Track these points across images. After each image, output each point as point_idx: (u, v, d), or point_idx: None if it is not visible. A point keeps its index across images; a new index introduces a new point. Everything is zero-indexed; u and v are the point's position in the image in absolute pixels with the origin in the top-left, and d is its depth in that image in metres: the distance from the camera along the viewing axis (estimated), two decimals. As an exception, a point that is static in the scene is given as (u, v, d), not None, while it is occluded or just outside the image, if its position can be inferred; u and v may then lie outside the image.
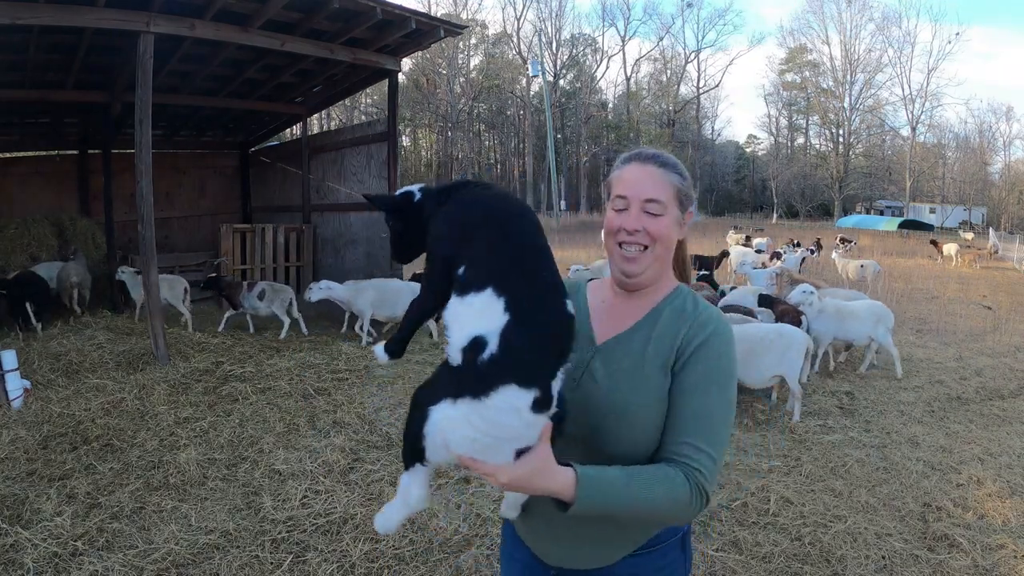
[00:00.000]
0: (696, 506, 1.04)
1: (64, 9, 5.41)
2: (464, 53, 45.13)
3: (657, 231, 1.16)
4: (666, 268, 1.23)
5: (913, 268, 16.24)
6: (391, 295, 6.80)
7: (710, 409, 1.09)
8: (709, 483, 1.05)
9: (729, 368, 1.13)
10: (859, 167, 47.02)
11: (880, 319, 5.79)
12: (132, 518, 3.03)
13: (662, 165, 1.18)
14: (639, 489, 1.01)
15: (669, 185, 1.18)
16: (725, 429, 1.11)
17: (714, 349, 1.12)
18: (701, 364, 1.11)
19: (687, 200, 1.22)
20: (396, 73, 8.11)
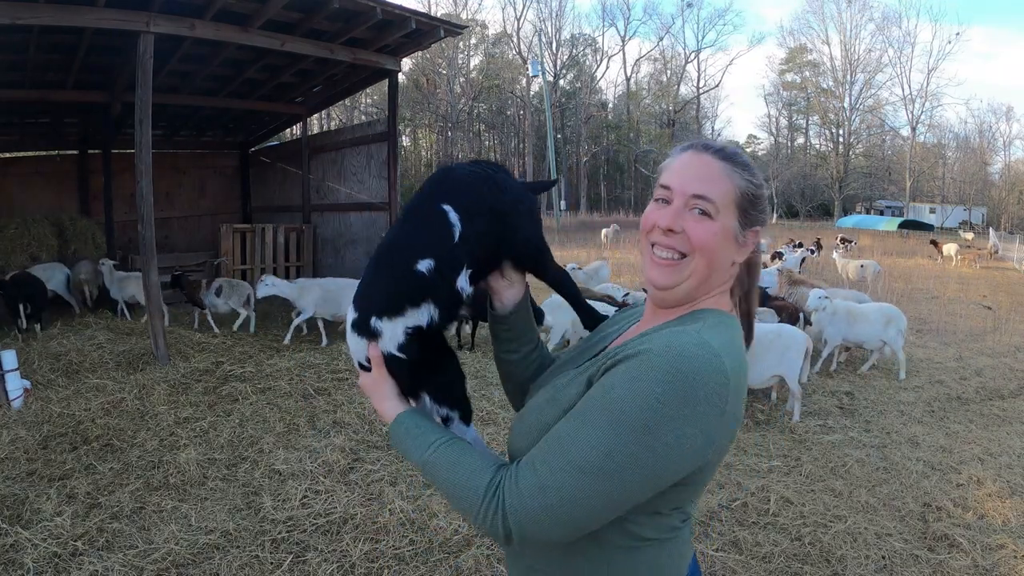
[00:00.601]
0: (486, 516, 0.83)
1: (64, 9, 5.41)
2: (464, 53, 45.12)
3: (700, 238, 0.91)
4: (710, 290, 0.96)
5: (913, 268, 16.24)
6: (336, 294, 6.70)
7: (567, 438, 0.82)
8: (513, 505, 0.81)
9: (621, 408, 0.80)
10: (859, 167, 47.02)
11: (891, 321, 5.78)
12: (132, 518, 3.03)
13: (725, 158, 0.94)
14: (444, 460, 0.90)
15: (729, 184, 0.92)
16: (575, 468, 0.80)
17: (619, 376, 0.82)
18: (596, 388, 0.85)
19: (754, 212, 0.94)
20: (396, 73, 8.11)
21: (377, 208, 8.55)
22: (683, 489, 0.88)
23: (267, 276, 6.87)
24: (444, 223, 0.99)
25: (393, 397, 1.03)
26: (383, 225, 8.45)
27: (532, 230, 1.05)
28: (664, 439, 0.78)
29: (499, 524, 0.82)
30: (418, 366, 1.02)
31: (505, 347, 1.14)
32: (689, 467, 0.83)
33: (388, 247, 1.04)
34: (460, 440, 0.95)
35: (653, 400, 0.78)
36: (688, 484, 0.88)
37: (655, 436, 0.78)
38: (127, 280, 7.61)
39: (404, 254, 1.00)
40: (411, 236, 1.02)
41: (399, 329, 1.00)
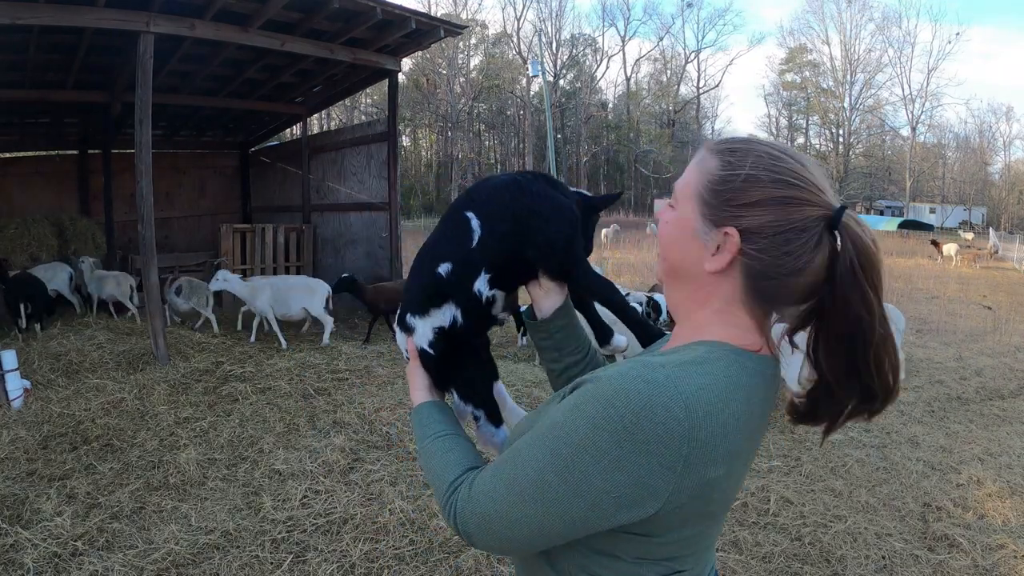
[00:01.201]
0: (444, 509, 0.85)
1: (64, 9, 5.41)
2: (464, 53, 45.12)
3: (660, 227, 0.86)
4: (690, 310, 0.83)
5: (913, 268, 16.24)
6: (285, 293, 6.64)
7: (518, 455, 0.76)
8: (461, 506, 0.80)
9: (556, 436, 0.72)
10: (859, 167, 47.03)
11: (890, 320, 5.78)
12: (132, 518, 3.03)
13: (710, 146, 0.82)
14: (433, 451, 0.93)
15: (695, 172, 0.80)
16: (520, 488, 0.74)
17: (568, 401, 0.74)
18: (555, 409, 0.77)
19: (718, 205, 0.77)
20: (396, 73, 8.11)
21: (377, 208, 8.55)
22: (644, 540, 0.75)
23: (222, 271, 6.79)
24: (466, 228, 1.02)
25: (423, 388, 1.07)
26: (383, 225, 8.45)
27: (557, 234, 1.01)
28: (590, 480, 0.69)
29: (452, 520, 0.82)
30: (445, 363, 1.07)
31: (547, 356, 1.11)
32: (625, 517, 0.71)
33: (422, 250, 1.11)
34: (459, 437, 0.95)
35: (583, 437, 0.69)
36: (650, 536, 0.74)
37: (581, 475, 0.70)
38: (106, 279, 7.63)
39: (430, 257, 1.06)
40: (438, 241, 1.08)
41: (428, 327, 1.06)
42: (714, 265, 0.77)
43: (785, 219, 0.74)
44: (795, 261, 0.74)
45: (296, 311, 6.70)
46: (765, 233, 0.74)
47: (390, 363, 5.92)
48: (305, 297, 6.70)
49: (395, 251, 8.26)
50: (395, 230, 8.27)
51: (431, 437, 0.97)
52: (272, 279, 7.02)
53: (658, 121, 50.70)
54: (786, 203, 0.74)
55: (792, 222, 0.74)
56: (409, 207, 37.40)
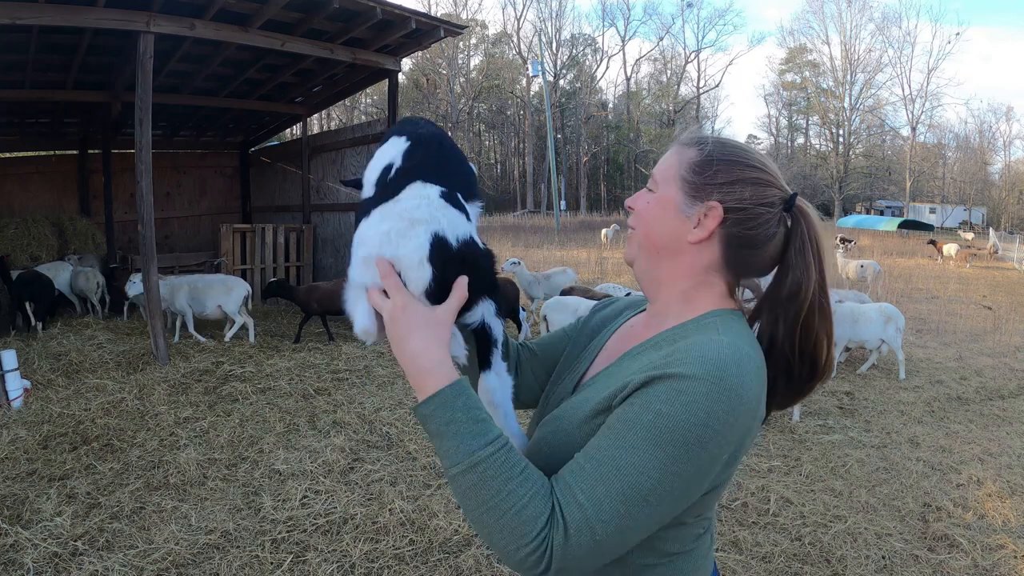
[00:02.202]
0: (531, 561, 0.73)
1: (64, 9, 5.41)
2: (464, 53, 45.13)
3: (637, 207, 0.93)
4: (675, 279, 0.90)
5: (913, 268, 16.24)
6: (202, 291, 6.52)
7: (610, 464, 0.74)
8: (564, 551, 0.72)
9: (669, 427, 0.73)
10: (859, 167, 47.03)
11: (890, 319, 5.79)
12: (132, 518, 3.03)
13: (682, 142, 0.93)
14: (501, 466, 0.74)
15: (674, 159, 0.91)
16: (631, 504, 0.73)
17: (661, 394, 0.75)
18: (632, 406, 0.77)
19: (700, 180, 0.87)
20: (396, 73, 8.11)
21: (377, 208, 8.55)
22: (711, 495, 0.84)
23: (136, 275, 6.61)
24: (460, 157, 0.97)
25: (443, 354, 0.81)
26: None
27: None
28: (710, 452, 0.74)
29: (540, 564, 0.73)
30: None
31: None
32: (724, 475, 0.81)
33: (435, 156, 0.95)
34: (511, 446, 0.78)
35: (703, 416, 0.73)
36: (715, 489, 0.84)
37: (702, 451, 0.74)
38: (78, 274, 7.65)
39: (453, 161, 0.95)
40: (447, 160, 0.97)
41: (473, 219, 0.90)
42: (698, 235, 0.87)
43: (759, 196, 0.87)
44: (764, 233, 0.87)
45: (211, 310, 6.54)
46: (744, 207, 0.86)
47: (390, 363, 5.92)
48: (221, 296, 6.54)
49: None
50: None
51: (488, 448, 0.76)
52: (190, 278, 6.83)
53: (658, 121, 50.70)
54: (759, 183, 0.87)
55: (764, 198, 0.87)
56: (409, 207, 37.32)
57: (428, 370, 0.79)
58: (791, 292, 0.85)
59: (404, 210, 0.84)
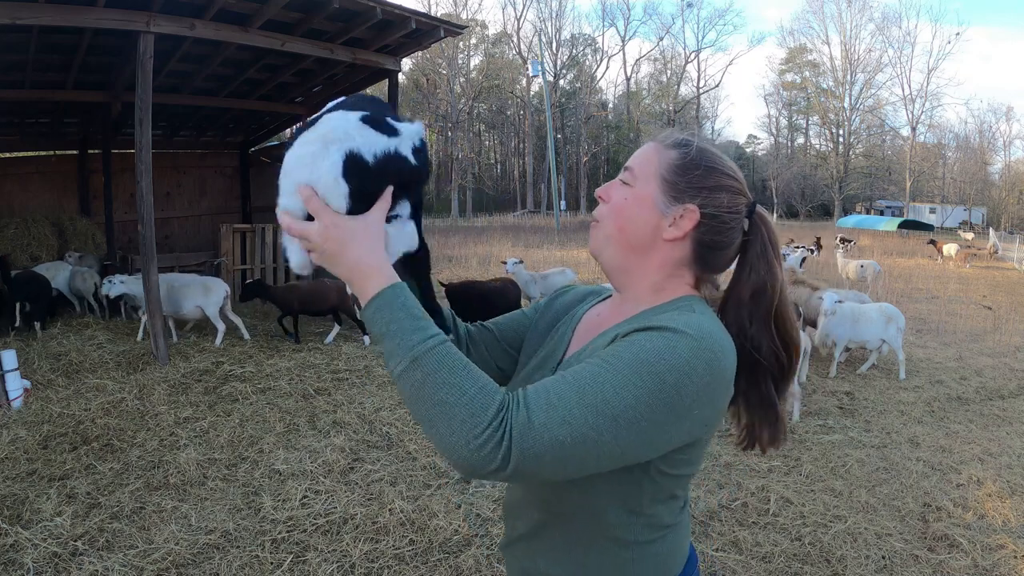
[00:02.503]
0: (487, 441, 0.71)
1: (64, 9, 5.41)
2: (464, 53, 45.12)
3: (611, 198, 0.96)
4: (647, 272, 0.94)
5: (913, 268, 16.24)
6: (179, 291, 6.40)
7: (589, 379, 0.77)
8: (521, 434, 0.71)
9: (655, 362, 0.77)
10: (859, 167, 47.05)
11: (891, 319, 5.79)
12: (132, 518, 3.03)
13: (662, 141, 0.96)
14: (448, 363, 0.74)
15: (655, 157, 0.94)
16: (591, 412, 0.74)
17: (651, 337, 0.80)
18: (622, 344, 0.81)
19: (682, 183, 0.91)
20: (396, 73, 8.11)
21: (377, 208, 8.55)
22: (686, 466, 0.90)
23: (115, 275, 6.60)
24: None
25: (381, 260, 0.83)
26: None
27: None
28: (684, 401, 0.77)
29: (498, 453, 0.71)
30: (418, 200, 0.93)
31: None
32: (696, 435, 0.84)
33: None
34: (451, 343, 0.78)
35: (683, 363, 0.77)
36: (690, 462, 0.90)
37: (676, 395, 0.77)
38: (75, 275, 7.62)
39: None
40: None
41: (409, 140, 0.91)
42: (673, 233, 0.92)
43: (733, 203, 0.93)
44: (731, 237, 0.94)
45: (189, 310, 6.42)
46: (719, 213, 0.92)
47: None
48: (199, 297, 6.44)
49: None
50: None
51: (428, 341, 0.75)
52: (168, 276, 6.66)
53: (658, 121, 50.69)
54: (733, 191, 0.94)
55: (735, 206, 0.93)
56: (409, 207, 37.32)
57: (367, 275, 0.81)
58: (755, 291, 0.92)
59: (319, 134, 0.85)
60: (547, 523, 0.96)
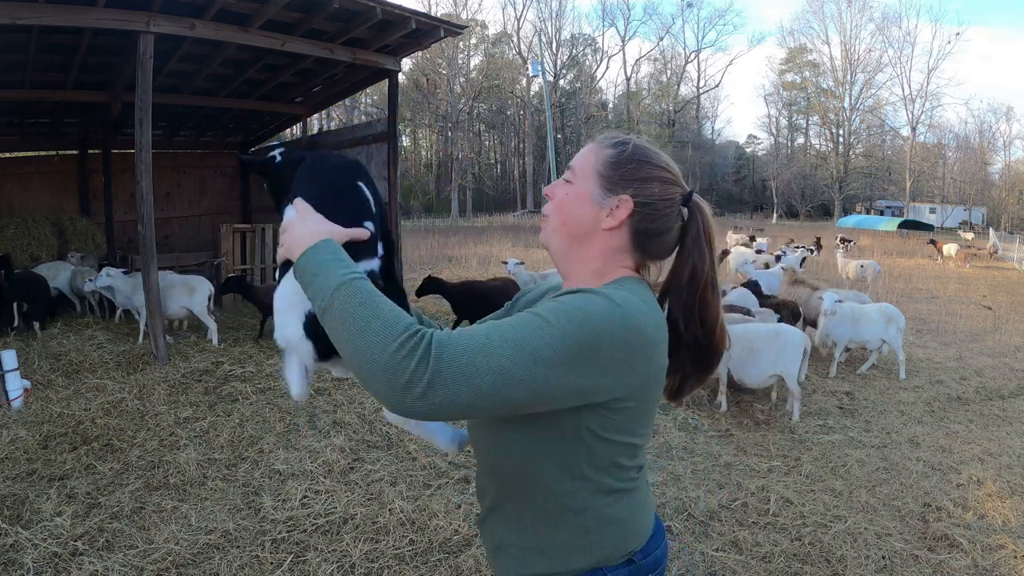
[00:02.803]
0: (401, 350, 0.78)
1: (64, 9, 5.41)
2: (464, 53, 45.12)
3: (557, 198, 1.06)
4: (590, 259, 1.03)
5: (913, 268, 16.24)
6: (163, 291, 6.28)
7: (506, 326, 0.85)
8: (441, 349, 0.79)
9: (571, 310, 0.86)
10: (859, 167, 47.03)
11: (891, 319, 5.80)
12: (132, 518, 3.03)
13: (601, 142, 1.07)
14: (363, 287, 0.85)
15: (591, 156, 1.04)
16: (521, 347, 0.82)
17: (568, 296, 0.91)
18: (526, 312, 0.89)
19: (616, 176, 1.01)
20: (396, 73, 8.11)
21: (377, 208, 8.55)
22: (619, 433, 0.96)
23: (108, 268, 6.57)
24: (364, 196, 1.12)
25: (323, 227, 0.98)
26: (383, 225, 8.44)
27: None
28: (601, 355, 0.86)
29: (412, 361, 0.77)
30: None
31: None
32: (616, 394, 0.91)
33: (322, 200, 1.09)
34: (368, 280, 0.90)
35: (599, 318, 0.86)
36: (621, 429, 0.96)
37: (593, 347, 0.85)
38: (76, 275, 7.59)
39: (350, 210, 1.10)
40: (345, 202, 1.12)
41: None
42: (610, 223, 1.01)
43: (665, 192, 1.02)
44: (666, 223, 1.02)
45: (174, 310, 6.39)
46: (651, 201, 1.01)
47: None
48: (184, 297, 6.41)
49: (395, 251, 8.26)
50: (395, 230, 8.26)
51: (351, 274, 0.87)
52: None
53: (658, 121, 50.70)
54: (665, 181, 1.02)
55: (668, 195, 1.02)
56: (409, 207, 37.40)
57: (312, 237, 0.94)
58: (691, 276, 1.00)
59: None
60: (505, 495, 1.04)
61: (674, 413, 4.62)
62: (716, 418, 4.65)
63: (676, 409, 4.69)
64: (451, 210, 40.15)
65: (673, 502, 3.30)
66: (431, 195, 44.45)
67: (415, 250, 16.96)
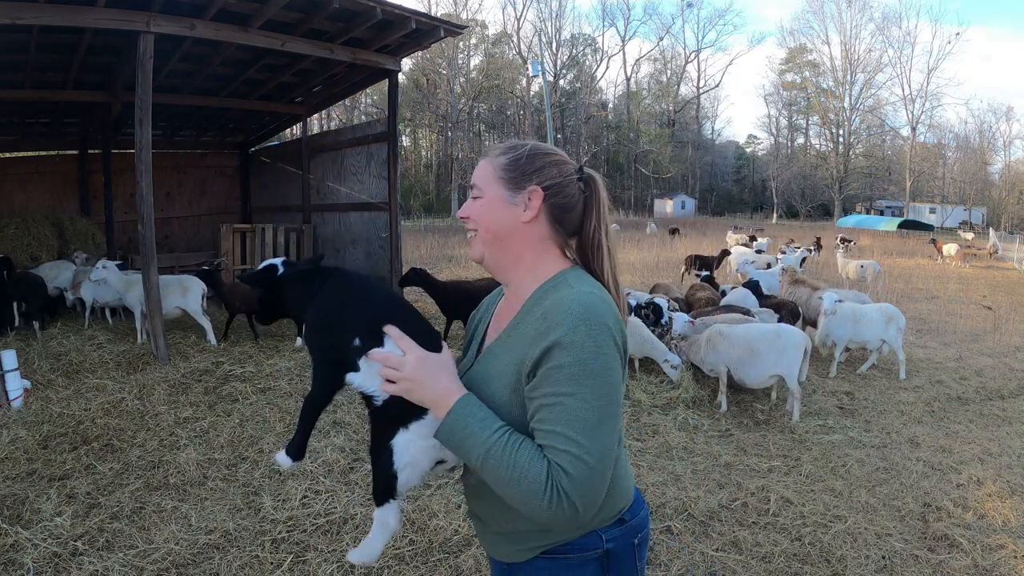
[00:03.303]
0: (553, 508, 0.94)
1: (64, 9, 5.41)
2: (464, 53, 45.13)
3: (473, 213, 1.16)
4: (521, 256, 1.15)
5: (913, 268, 16.24)
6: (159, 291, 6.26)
7: (573, 406, 0.97)
8: (574, 486, 0.94)
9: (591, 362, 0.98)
10: (859, 167, 47.04)
11: (891, 320, 5.79)
12: (132, 518, 3.03)
13: (490, 153, 1.18)
14: (499, 456, 0.97)
15: (488, 167, 1.15)
16: (596, 425, 0.97)
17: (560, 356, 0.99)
18: (554, 368, 0.99)
19: (517, 174, 1.13)
20: (396, 73, 8.11)
21: (377, 208, 8.55)
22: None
23: (105, 260, 6.52)
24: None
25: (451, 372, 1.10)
26: (383, 225, 8.44)
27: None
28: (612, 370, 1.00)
29: (564, 509, 0.94)
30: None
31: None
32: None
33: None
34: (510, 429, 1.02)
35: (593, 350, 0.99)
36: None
37: (607, 373, 0.99)
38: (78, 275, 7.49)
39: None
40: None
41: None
42: (529, 214, 1.12)
43: (562, 171, 1.14)
44: (574, 197, 1.15)
45: (169, 310, 6.33)
46: (556, 182, 1.13)
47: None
48: (177, 297, 6.39)
49: (395, 251, 8.25)
50: (395, 230, 8.26)
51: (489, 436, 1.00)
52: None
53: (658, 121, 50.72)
54: (559, 163, 1.15)
55: (565, 173, 1.14)
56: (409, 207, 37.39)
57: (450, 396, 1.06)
58: (592, 243, 1.15)
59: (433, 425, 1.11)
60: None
61: (674, 413, 4.62)
62: (716, 418, 4.65)
63: (676, 409, 4.69)
64: (451, 210, 40.15)
65: (673, 502, 3.29)
66: (431, 195, 44.46)
67: (415, 250, 16.97)
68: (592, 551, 1.11)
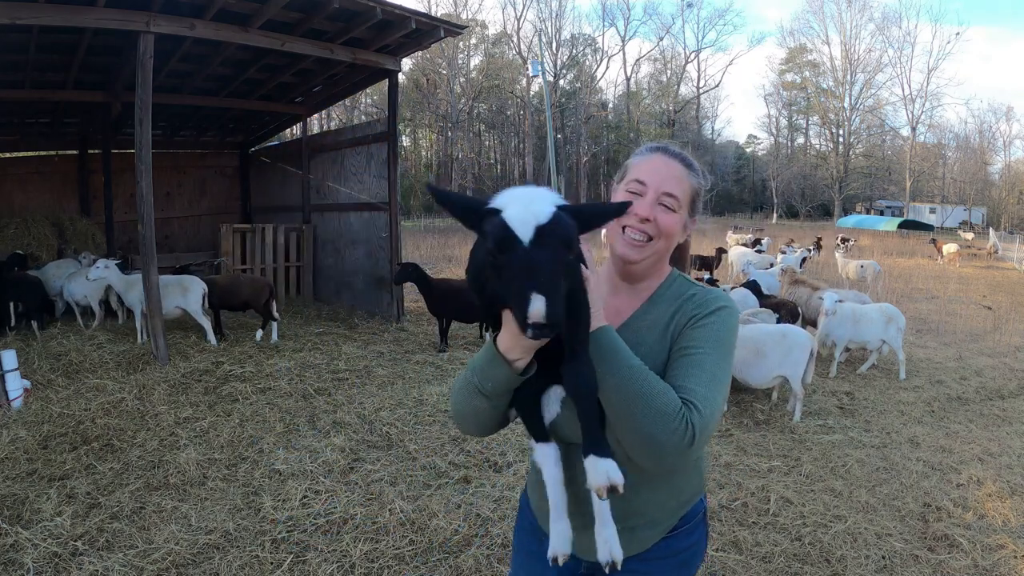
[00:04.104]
0: (680, 433, 1.04)
1: (64, 9, 5.41)
2: (464, 53, 45.10)
3: (666, 225, 1.21)
4: (662, 263, 1.27)
5: (913, 268, 16.24)
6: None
7: (708, 363, 1.12)
8: (700, 418, 1.06)
9: (730, 340, 1.17)
10: (859, 167, 47.03)
11: (891, 320, 5.79)
12: (132, 518, 3.03)
13: (687, 166, 1.24)
14: (643, 373, 1.06)
15: (688, 186, 1.23)
16: (721, 386, 1.13)
17: (721, 320, 1.16)
18: (702, 330, 1.15)
19: (698, 205, 1.27)
20: (396, 73, 8.10)
21: (377, 208, 8.55)
22: None
23: (103, 259, 6.52)
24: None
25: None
26: (383, 225, 8.44)
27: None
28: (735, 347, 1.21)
29: (685, 437, 1.04)
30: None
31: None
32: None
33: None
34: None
35: (735, 326, 1.20)
36: None
37: (735, 345, 1.20)
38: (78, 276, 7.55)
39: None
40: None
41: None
42: (684, 237, 1.28)
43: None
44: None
45: (169, 310, 6.29)
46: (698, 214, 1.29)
47: (390, 363, 5.93)
48: (177, 297, 6.36)
49: (395, 251, 8.25)
50: (395, 230, 8.26)
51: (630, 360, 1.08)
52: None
53: (658, 121, 50.69)
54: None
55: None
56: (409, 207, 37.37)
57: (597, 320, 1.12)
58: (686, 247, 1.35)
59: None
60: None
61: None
62: (716, 418, 4.64)
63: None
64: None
65: (673, 502, 3.29)
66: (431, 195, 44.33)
67: (415, 250, 16.97)
68: (698, 515, 1.34)
